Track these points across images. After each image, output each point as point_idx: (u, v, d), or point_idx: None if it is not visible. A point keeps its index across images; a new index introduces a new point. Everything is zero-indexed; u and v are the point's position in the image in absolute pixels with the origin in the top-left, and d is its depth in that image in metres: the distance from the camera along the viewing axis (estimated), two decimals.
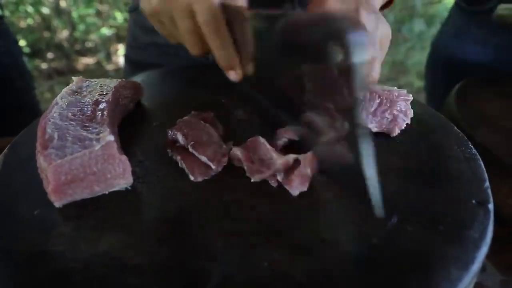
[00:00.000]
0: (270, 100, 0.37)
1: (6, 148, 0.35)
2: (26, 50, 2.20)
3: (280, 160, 0.30)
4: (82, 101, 0.33)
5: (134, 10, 0.65)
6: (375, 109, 0.35)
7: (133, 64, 0.65)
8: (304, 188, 0.29)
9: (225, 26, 0.32)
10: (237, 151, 0.31)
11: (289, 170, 0.30)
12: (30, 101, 0.80)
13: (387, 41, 0.35)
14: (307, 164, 0.29)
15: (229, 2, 0.32)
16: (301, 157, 0.30)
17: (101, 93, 0.35)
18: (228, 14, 0.32)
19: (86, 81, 0.38)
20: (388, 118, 0.35)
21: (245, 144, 0.33)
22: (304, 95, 0.30)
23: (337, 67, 0.24)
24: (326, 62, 0.25)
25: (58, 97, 0.34)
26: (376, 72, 0.34)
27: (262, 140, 0.32)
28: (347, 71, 0.23)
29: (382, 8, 0.42)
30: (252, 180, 0.30)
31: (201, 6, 0.32)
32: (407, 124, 0.36)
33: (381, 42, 0.34)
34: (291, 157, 0.30)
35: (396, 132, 0.35)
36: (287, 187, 0.29)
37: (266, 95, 0.37)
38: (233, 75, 0.35)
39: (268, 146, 0.32)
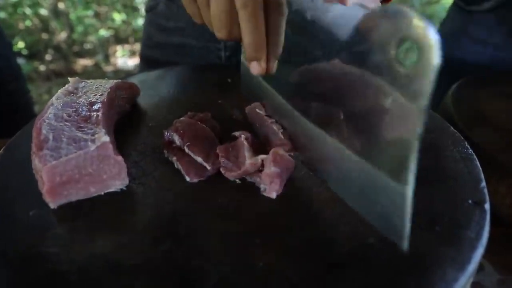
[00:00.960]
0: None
1: (2, 149, 0.34)
2: (24, 51, 2.20)
3: (249, 160, 0.29)
4: (77, 101, 0.33)
5: (151, 10, 0.66)
6: None
7: (148, 62, 0.66)
8: (277, 187, 0.29)
9: (262, 12, 0.31)
10: (219, 150, 0.32)
11: (261, 171, 0.30)
12: (25, 104, 0.79)
13: None
14: (270, 163, 0.29)
15: None
16: (266, 156, 0.29)
17: (96, 94, 0.35)
18: (268, 1, 0.31)
19: (82, 82, 0.37)
20: None
21: (233, 143, 0.33)
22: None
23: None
24: None
25: (53, 98, 0.34)
26: None
27: (243, 139, 0.32)
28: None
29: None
30: (249, 180, 0.30)
31: None
32: None
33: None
34: (259, 157, 0.30)
35: None
36: (264, 193, 0.29)
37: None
38: (256, 67, 0.32)
39: (246, 146, 0.31)
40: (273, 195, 0.29)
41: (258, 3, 0.31)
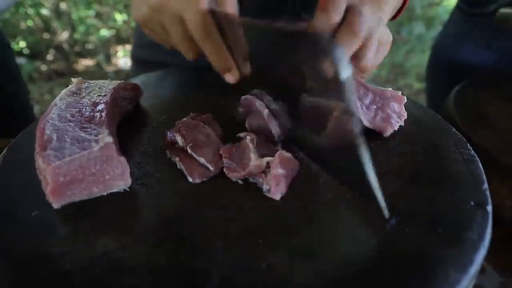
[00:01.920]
0: (269, 91, 0.36)
1: (5, 149, 0.35)
2: (26, 51, 2.20)
3: (255, 162, 0.30)
4: (81, 102, 0.33)
5: None
6: (368, 104, 0.35)
7: (140, 63, 0.66)
8: (282, 189, 0.29)
9: (216, 31, 0.33)
10: (223, 150, 0.32)
11: (265, 172, 0.30)
12: (23, 106, 0.79)
13: (386, 45, 0.35)
14: (277, 165, 0.29)
15: (219, 8, 0.32)
16: (271, 158, 0.30)
17: (100, 94, 0.35)
18: (219, 19, 0.32)
19: (85, 82, 0.38)
20: (380, 116, 0.35)
21: (237, 144, 0.33)
22: (304, 80, 0.30)
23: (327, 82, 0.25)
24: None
25: (57, 98, 0.34)
26: (368, 59, 0.34)
27: (248, 140, 0.32)
28: (337, 86, 0.23)
29: (392, 18, 0.42)
30: (251, 181, 0.30)
31: (190, 13, 0.32)
32: (405, 125, 0.36)
33: (381, 43, 0.34)
34: (265, 159, 0.30)
35: (389, 132, 0.35)
36: (267, 194, 0.29)
37: (264, 86, 0.37)
38: (230, 77, 0.35)
39: (251, 147, 0.31)
40: (278, 196, 0.29)
41: (209, 23, 0.32)
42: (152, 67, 0.55)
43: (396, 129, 0.35)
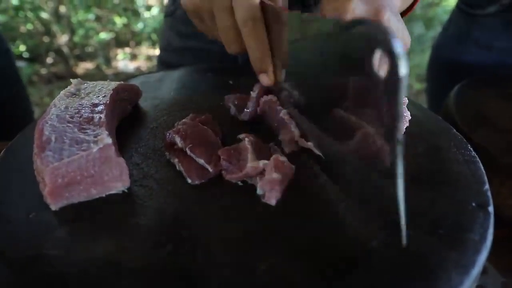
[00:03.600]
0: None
1: (3, 150, 0.34)
2: (26, 55, 2.21)
3: (251, 164, 0.29)
4: (80, 103, 0.33)
5: (170, 15, 0.66)
6: None
7: (167, 67, 0.67)
8: (277, 194, 0.28)
9: (263, 27, 0.32)
10: (221, 152, 0.31)
11: (262, 175, 0.29)
12: (24, 110, 0.79)
13: (406, 45, 0.35)
14: (272, 169, 0.29)
15: (269, 2, 0.32)
16: (267, 162, 0.29)
17: (99, 95, 0.35)
18: (268, 15, 0.32)
19: (85, 83, 0.37)
20: None
21: (236, 145, 0.32)
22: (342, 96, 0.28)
23: (380, 79, 0.22)
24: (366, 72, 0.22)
25: (56, 99, 0.34)
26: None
27: (247, 142, 0.32)
28: (393, 83, 0.20)
29: (404, 14, 0.42)
30: (250, 182, 0.30)
31: (241, 4, 0.32)
32: (406, 127, 0.36)
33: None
34: (262, 162, 0.29)
35: None
36: (262, 199, 0.29)
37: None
38: (265, 79, 0.34)
39: (250, 149, 0.31)
40: (273, 201, 0.28)
41: (258, 19, 0.32)
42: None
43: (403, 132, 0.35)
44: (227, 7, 0.33)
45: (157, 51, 1.85)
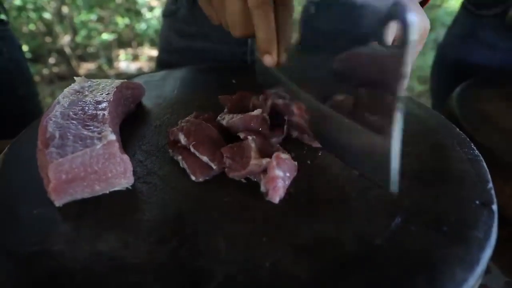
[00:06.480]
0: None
1: (7, 147, 0.34)
2: (28, 55, 2.21)
3: (254, 161, 0.29)
4: (83, 100, 0.33)
5: (170, 16, 0.66)
6: None
7: (166, 67, 0.66)
8: (280, 192, 0.28)
9: (272, 10, 0.33)
10: (224, 150, 0.31)
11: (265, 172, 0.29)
12: (34, 108, 0.79)
13: (425, 34, 0.35)
14: (274, 166, 0.28)
15: None
16: (269, 159, 0.29)
17: (103, 93, 0.35)
18: None
19: (88, 81, 0.38)
20: None
21: (239, 143, 0.32)
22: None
23: (389, 45, 0.24)
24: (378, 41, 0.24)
25: (60, 96, 0.34)
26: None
27: (250, 140, 0.32)
28: (401, 47, 0.22)
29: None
30: (254, 180, 0.30)
31: None
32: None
33: (421, 35, 0.35)
34: (265, 159, 0.29)
35: None
36: (265, 197, 0.29)
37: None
38: (268, 60, 0.35)
39: (253, 147, 0.31)
40: (276, 199, 0.28)
41: (269, 2, 0.33)
42: None
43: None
44: None
45: None
